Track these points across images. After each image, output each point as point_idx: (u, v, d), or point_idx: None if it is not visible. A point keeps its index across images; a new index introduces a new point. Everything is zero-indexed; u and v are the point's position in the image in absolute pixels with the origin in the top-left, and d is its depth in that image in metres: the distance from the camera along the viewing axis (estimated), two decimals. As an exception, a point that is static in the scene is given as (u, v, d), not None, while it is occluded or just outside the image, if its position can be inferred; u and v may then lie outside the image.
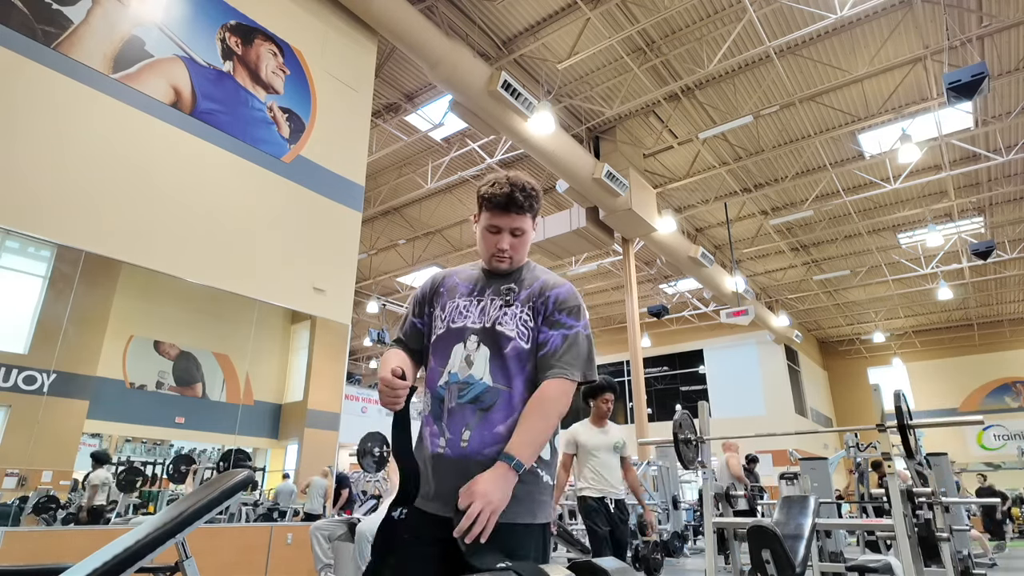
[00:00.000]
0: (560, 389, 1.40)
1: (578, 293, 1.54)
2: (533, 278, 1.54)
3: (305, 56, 5.99)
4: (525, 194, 1.49)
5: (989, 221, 13.36)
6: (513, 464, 1.28)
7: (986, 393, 20.29)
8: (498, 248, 1.50)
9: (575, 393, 1.45)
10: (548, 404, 1.38)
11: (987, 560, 7.89)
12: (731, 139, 10.82)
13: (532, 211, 1.52)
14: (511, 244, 1.50)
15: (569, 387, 1.41)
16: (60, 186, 4.08)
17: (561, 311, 1.47)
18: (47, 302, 4.11)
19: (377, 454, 6.15)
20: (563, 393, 1.40)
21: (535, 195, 1.52)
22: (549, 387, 1.40)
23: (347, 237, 6.02)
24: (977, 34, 8.29)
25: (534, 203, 1.52)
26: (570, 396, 1.42)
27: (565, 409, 1.41)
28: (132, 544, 1.43)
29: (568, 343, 1.44)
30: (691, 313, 18.91)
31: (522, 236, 1.52)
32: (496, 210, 1.48)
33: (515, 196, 1.47)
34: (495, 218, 1.49)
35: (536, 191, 1.53)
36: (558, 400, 1.39)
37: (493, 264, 1.54)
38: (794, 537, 3.59)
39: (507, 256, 1.51)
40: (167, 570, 1.70)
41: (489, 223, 1.50)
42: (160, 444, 4.81)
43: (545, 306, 1.48)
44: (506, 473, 1.28)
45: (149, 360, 4.75)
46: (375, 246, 14.84)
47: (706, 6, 8.07)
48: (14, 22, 3.98)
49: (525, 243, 1.54)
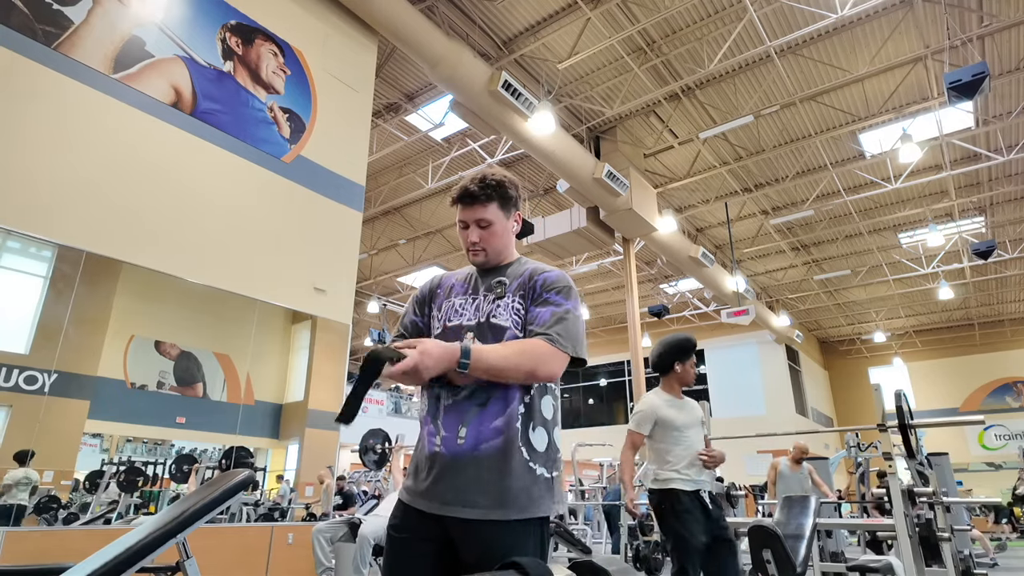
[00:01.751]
0: (544, 347, 1.35)
1: (569, 278, 1.52)
2: (523, 269, 1.54)
3: (306, 56, 5.99)
4: (478, 184, 1.50)
5: (990, 221, 13.35)
6: (462, 348, 1.28)
7: (987, 393, 20.27)
8: (469, 242, 1.53)
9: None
10: (528, 349, 1.34)
11: (988, 560, 7.89)
12: (731, 139, 10.82)
13: (493, 200, 1.51)
14: (480, 236, 1.52)
15: (555, 351, 1.36)
16: (61, 186, 4.08)
17: (550, 290, 1.46)
18: (48, 302, 4.11)
19: (379, 451, 6.15)
20: (548, 352, 1.35)
21: (492, 184, 1.51)
22: (533, 341, 1.37)
23: (348, 237, 6.02)
24: (978, 33, 8.28)
25: (491, 192, 1.51)
26: (554, 362, 1.35)
27: (544, 372, 1.34)
28: (133, 544, 1.43)
29: (556, 317, 1.41)
30: (692, 313, 18.91)
31: (489, 227, 1.52)
32: (459, 206, 1.53)
33: (468, 188, 1.51)
34: (460, 213, 1.54)
35: (496, 180, 1.52)
36: (538, 355, 1.34)
37: (471, 259, 1.57)
38: (795, 537, 3.59)
39: (480, 248, 1.53)
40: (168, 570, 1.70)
41: (458, 219, 1.56)
42: (161, 444, 4.81)
43: (533, 288, 1.48)
44: (453, 348, 1.28)
45: (150, 360, 4.75)
46: (375, 246, 14.84)
47: (706, 6, 8.06)
48: (14, 22, 3.99)
49: (496, 233, 1.53)
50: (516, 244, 1.64)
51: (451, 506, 1.32)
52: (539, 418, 1.42)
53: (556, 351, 1.36)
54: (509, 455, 1.34)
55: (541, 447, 1.40)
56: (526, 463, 1.36)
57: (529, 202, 12.89)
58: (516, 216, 1.60)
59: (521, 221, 1.64)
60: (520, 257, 1.61)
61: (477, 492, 1.31)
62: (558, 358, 1.36)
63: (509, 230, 1.57)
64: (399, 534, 1.38)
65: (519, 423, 1.38)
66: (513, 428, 1.36)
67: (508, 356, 1.33)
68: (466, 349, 1.29)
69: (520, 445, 1.36)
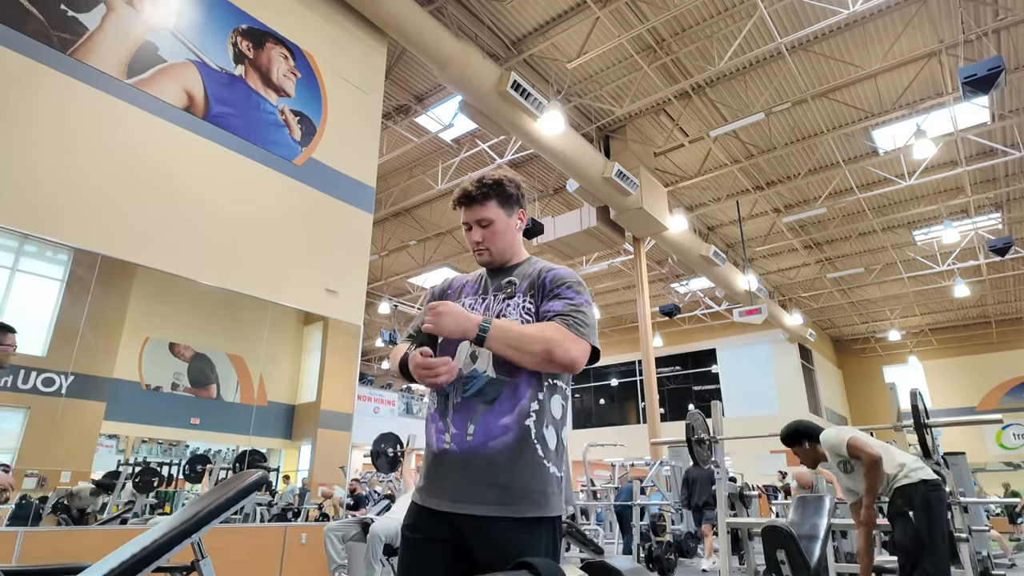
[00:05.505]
0: (561, 329, 1.36)
1: (578, 276, 1.53)
2: (533, 269, 1.55)
3: (316, 59, 6.03)
4: (476, 184, 1.52)
5: (1007, 217, 13.16)
6: (483, 321, 1.34)
7: (1005, 391, 19.98)
8: (473, 242, 1.55)
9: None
10: (546, 329, 1.35)
11: (1007, 560, 7.79)
12: (743, 137, 10.75)
13: (492, 198, 1.52)
14: (482, 235, 1.53)
15: (571, 335, 1.35)
16: (76, 191, 4.13)
17: (560, 285, 1.46)
18: (64, 305, 4.16)
19: (391, 455, 6.17)
20: (565, 335, 1.35)
21: (489, 183, 1.52)
22: (551, 323, 1.38)
23: (359, 238, 6.04)
24: (993, 27, 8.17)
25: (488, 191, 1.51)
26: (572, 346, 1.34)
27: (561, 353, 1.32)
28: (149, 544, 1.45)
29: (571, 308, 1.41)
30: (703, 312, 18.80)
31: (491, 226, 1.52)
32: (460, 207, 1.55)
33: (466, 189, 1.52)
34: (463, 215, 1.55)
35: (493, 179, 1.53)
36: (555, 337, 1.34)
37: (477, 259, 1.57)
38: (809, 537, 3.56)
39: (483, 248, 1.54)
40: (183, 569, 1.71)
41: (462, 221, 1.57)
42: (176, 445, 4.85)
43: (543, 286, 1.48)
44: (471, 316, 1.36)
45: (164, 362, 4.80)
46: (386, 247, 14.90)
47: (716, 3, 8.02)
48: (30, 29, 4.04)
49: (498, 232, 1.53)
50: (526, 244, 1.64)
51: (461, 503, 1.32)
52: (549, 417, 1.42)
53: (573, 336, 1.36)
54: (520, 453, 1.34)
55: (552, 445, 1.40)
56: (541, 461, 1.36)
57: (539, 202, 12.89)
58: (520, 214, 1.60)
59: (526, 219, 1.63)
60: (530, 257, 1.61)
61: (487, 489, 1.31)
62: (577, 343, 1.36)
63: (513, 228, 1.57)
64: (413, 534, 1.39)
65: (532, 421, 1.37)
66: (524, 426, 1.36)
67: (527, 332, 1.35)
68: (487, 319, 1.35)
69: (535, 443, 1.36)
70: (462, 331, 1.35)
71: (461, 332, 1.35)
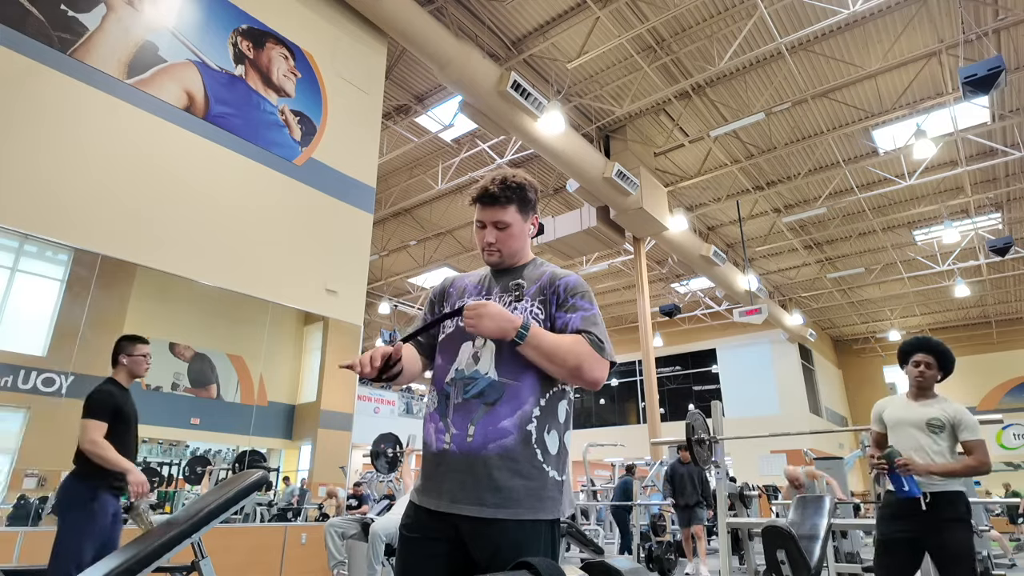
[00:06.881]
0: (589, 348, 1.38)
1: (586, 282, 1.54)
2: (540, 272, 1.54)
3: (316, 59, 6.03)
4: (499, 186, 1.49)
5: (1007, 217, 13.16)
6: (522, 325, 1.35)
7: (1005, 391, 19.98)
8: (485, 242, 1.53)
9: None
10: (579, 346, 1.37)
11: (1007, 560, 7.79)
12: (743, 137, 10.75)
13: (513, 203, 1.51)
14: (496, 237, 1.52)
15: (597, 356, 1.38)
16: (77, 191, 4.14)
17: (574, 295, 1.47)
18: (65, 305, 4.16)
19: (390, 455, 6.18)
20: (593, 355, 1.37)
21: (513, 187, 1.50)
22: (580, 338, 1.39)
23: (359, 238, 6.05)
24: (993, 27, 8.17)
25: (512, 195, 1.50)
26: (598, 366, 1.37)
27: (588, 372, 1.36)
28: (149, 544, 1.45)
29: (588, 322, 1.43)
30: (703, 312, 18.80)
31: (506, 229, 1.52)
32: (478, 205, 1.52)
33: (489, 190, 1.49)
34: (479, 213, 1.53)
35: (516, 183, 1.52)
36: (585, 354, 1.36)
37: (485, 259, 1.56)
38: (809, 537, 3.56)
39: (495, 249, 1.53)
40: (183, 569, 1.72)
41: (476, 219, 1.55)
42: (176, 445, 4.86)
43: (557, 295, 1.48)
44: (512, 318, 1.35)
45: (164, 362, 4.80)
46: (386, 247, 14.90)
47: (716, 3, 8.02)
48: (30, 29, 4.04)
49: (512, 235, 1.53)
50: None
51: (460, 504, 1.32)
52: (554, 421, 1.42)
53: (599, 356, 1.39)
54: (520, 455, 1.34)
55: (554, 450, 1.40)
56: (540, 465, 1.36)
57: (539, 202, 12.88)
58: (533, 219, 1.60)
59: (538, 224, 1.64)
60: (535, 258, 1.61)
61: (486, 490, 1.31)
62: (601, 364, 1.39)
63: (526, 232, 1.57)
64: (411, 533, 1.39)
65: (534, 426, 1.37)
66: (526, 430, 1.36)
67: (561, 344, 1.36)
68: (527, 322, 1.35)
69: (535, 447, 1.36)
70: (501, 333, 1.34)
71: (500, 333, 1.34)
